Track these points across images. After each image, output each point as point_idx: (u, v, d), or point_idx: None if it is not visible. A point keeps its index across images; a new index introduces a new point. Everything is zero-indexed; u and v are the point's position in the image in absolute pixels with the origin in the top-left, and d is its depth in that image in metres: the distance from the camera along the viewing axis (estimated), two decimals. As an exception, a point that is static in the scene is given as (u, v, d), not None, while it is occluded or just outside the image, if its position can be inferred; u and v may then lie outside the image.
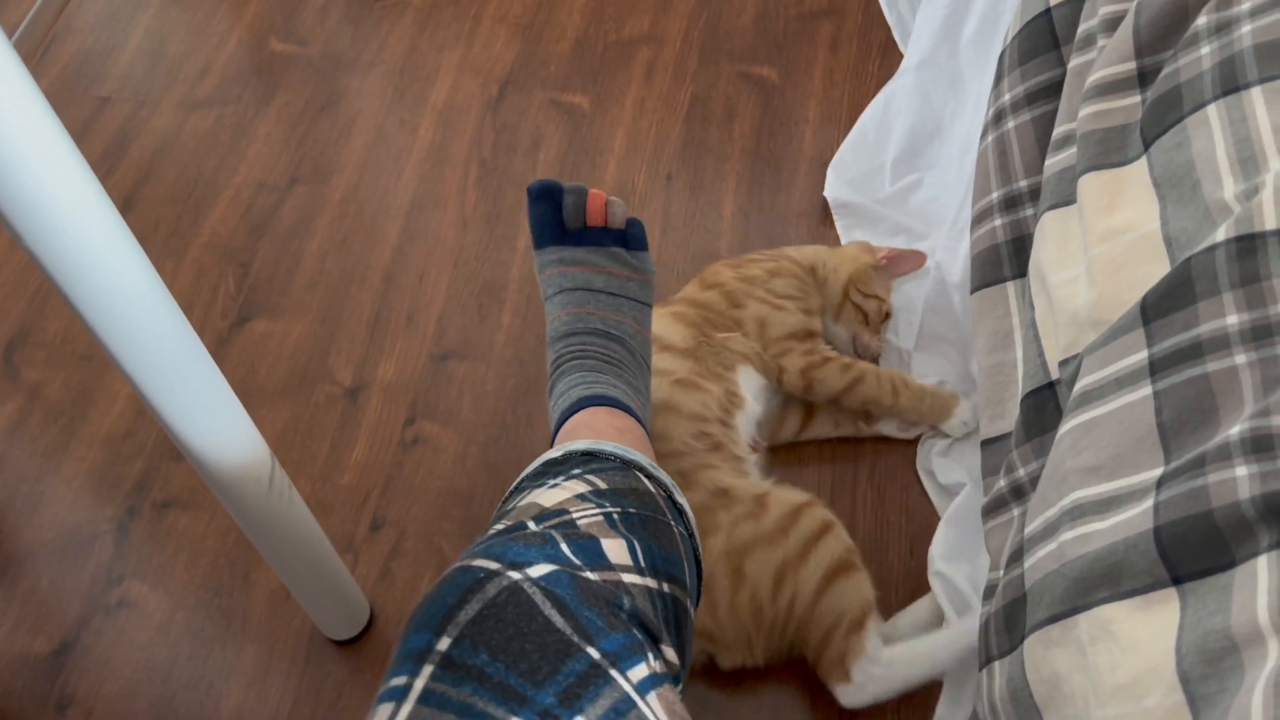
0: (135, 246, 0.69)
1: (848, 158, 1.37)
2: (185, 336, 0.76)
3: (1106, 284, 0.67)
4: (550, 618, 0.53)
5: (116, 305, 0.70)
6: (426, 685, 0.50)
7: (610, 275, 0.95)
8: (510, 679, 0.50)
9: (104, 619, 1.12)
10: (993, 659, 0.68)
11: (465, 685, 0.50)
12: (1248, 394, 0.57)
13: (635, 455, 0.78)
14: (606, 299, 0.94)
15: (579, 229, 0.95)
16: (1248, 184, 0.62)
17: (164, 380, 0.76)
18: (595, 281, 0.94)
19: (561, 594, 0.55)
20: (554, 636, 0.53)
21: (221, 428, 0.82)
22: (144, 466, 1.22)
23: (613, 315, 0.93)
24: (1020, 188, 0.83)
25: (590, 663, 0.52)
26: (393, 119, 1.51)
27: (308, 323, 1.33)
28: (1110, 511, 0.60)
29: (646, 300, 0.98)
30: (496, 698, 0.49)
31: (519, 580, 0.54)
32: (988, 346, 0.81)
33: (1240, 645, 0.51)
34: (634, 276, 0.96)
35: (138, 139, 1.51)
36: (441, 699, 0.49)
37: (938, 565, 1.01)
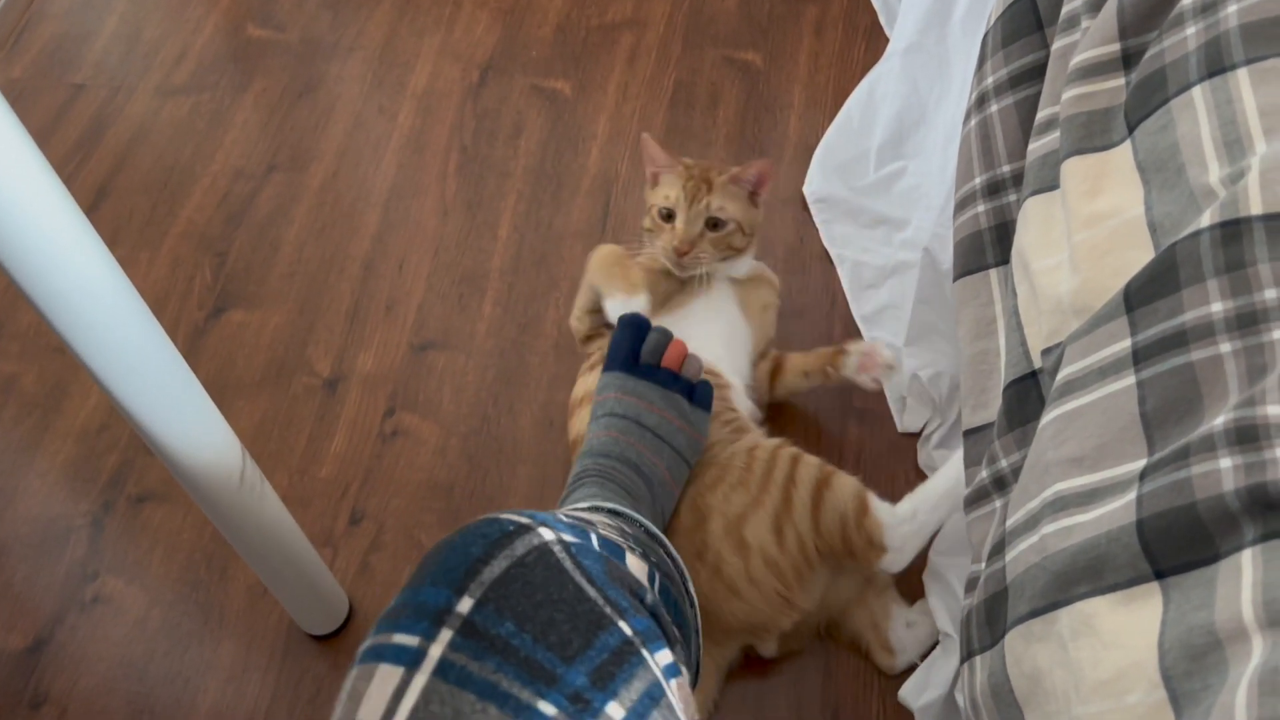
0: (95, 239, 0.68)
1: (833, 143, 1.35)
2: (151, 331, 0.74)
3: (1089, 271, 0.66)
4: (581, 585, 0.49)
5: (79, 302, 0.68)
6: (445, 654, 0.45)
7: (662, 418, 0.95)
8: (538, 653, 0.45)
9: (79, 615, 1.11)
10: (974, 653, 0.67)
11: (489, 659, 0.45)
12: (1232, 383, 0.56)
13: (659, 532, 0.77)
14: (651, 438, 0.94)
15: (651, 365, 0.98)
16: (1233, 168, 0.60)
17: (130, 376, 0.74)
18: (646, 418, 0.95)
19: (589, 565, 0.51)
20: (585, 606, 0.48)
21: (190, 423, 0.80)
22: (119, 460, 1.20)
23: (650, 454, 0.93)
24: (1003, 173, 0.81)
25: (624, 638, 0.48)
26: (372, 105, 1.49)
27: (285, 313, 1.31)
28: (1093, 504, 0.59)
29: (688, 458, 0.97)
30: (523, 676, 0.45)
31: (550, 542, 0.50)
32: (970, 335, 0.80)
33: (1224, 641, 0.50)
34: (685, 429, 0.96)
35: (113, 126, 1.49)
36: (461, 674, 0.44)
37: (934, 561, 1.00)
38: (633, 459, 0.92)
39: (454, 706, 0.44)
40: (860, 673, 1.04)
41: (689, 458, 0.97)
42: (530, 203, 1.39)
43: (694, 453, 0.98)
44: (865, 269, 1.27)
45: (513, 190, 1.40)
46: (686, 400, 0.98)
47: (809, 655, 1.05)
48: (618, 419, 0.95)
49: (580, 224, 1.37)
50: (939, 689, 0.94)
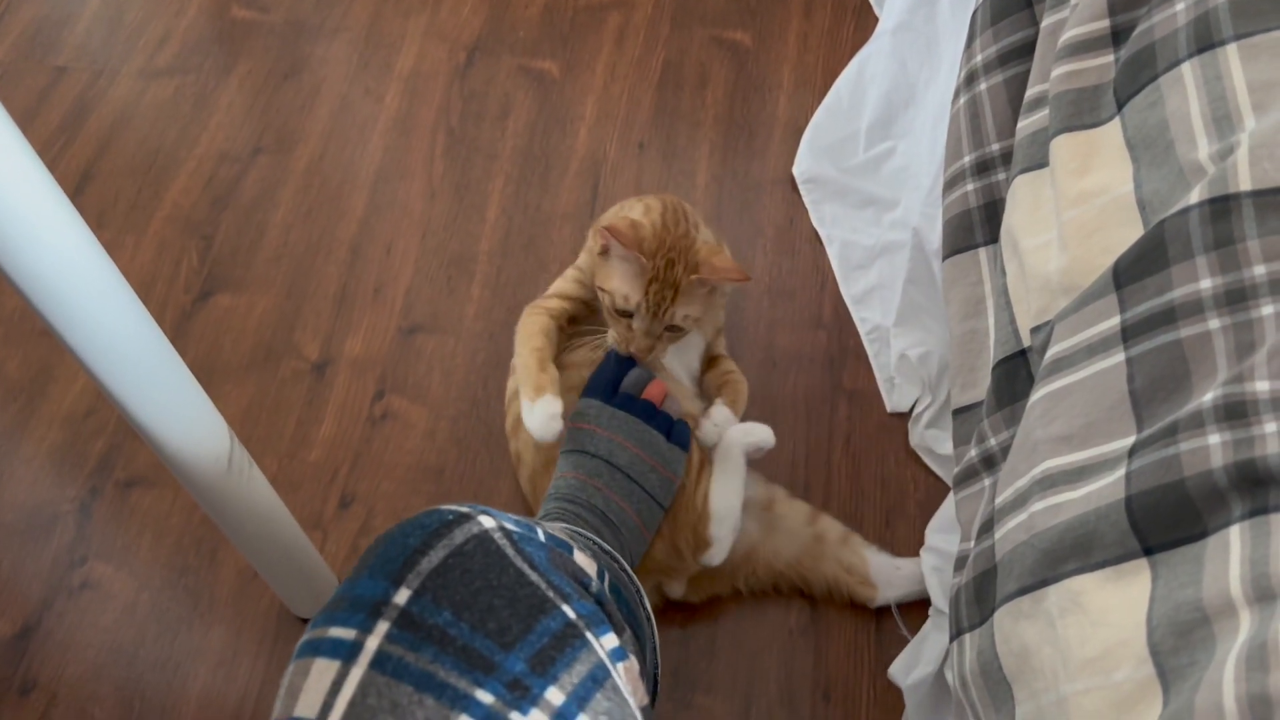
0: (79, 223, 0.67)
1: (822, 124, 1.35)
2: (136, 315, 0.73)
3: (1078, 249, 0.65)
4: (523, 570, 0.49)
5: (63, 286, 0.67)
6: (381, 646, 0.45)
7: (635, 457, 0.93)
8: (475, 641, 0.45)
9: (67, 601, 1.10)
10: (963, 631, 0.67)
11: (425, 649, 0.45)
12: (1221, 360, 0.56)
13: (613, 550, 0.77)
14: (621, 480, 0.92)
15: (630, 395, 0.96)
16: (1222, 144, 0.60)
17: (115, 360, 0.73)
18: (618, 457, 0.92)
19: (532, 553, 0.51)
20: (526, 590, 0.48)
21: (177, 407, 0.79)
22: (106, 445, 1.20)
23: (618, 499, 0.91)
24: (992, 151, 0.81)
25: (566, 621, 0.48)
26: (358, 87, 1.48)
27: (272, 296, 1.30)
28: (1081, 481, 0.59)
29: (660, 499, 0.94)
30: (461, 665, 0.45)
31: (490, 529, 0.50)
32: (960, 314, 0.80)
33: (1211, 617, 0.50)
34: (658, 469, 0.94)
35: (96, 110, 1.47)
36: (398, 666, 0.44)
37: (931, 539, 1.00)
38: (599, 505, 0.90)
39: (391, 699, 0.44)
40: (851, 652, 1.04)
41: (661, 499, 0.94)
42: (518, 185, 1.38)
43: (667, 494, 0.95)
44: (854, 249, 1.27)
45: (500, 172, 1.39)
46: (664, 438, 0.96)
47: (800, 635, 1.05)
48: (589, 458, 0.93)
49: (569, 206, 1.36)
50: (929, 666, 0.94)
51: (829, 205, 1.31)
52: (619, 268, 0.98)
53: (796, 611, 1.06)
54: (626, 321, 0.99)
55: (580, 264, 1.10)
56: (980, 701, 0.64)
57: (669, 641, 1.05)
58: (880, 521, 1.10)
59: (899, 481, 1.13)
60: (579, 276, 1.09)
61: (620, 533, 0.89)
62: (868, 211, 1.28)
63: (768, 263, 1.30)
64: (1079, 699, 0.54)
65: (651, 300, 0.96)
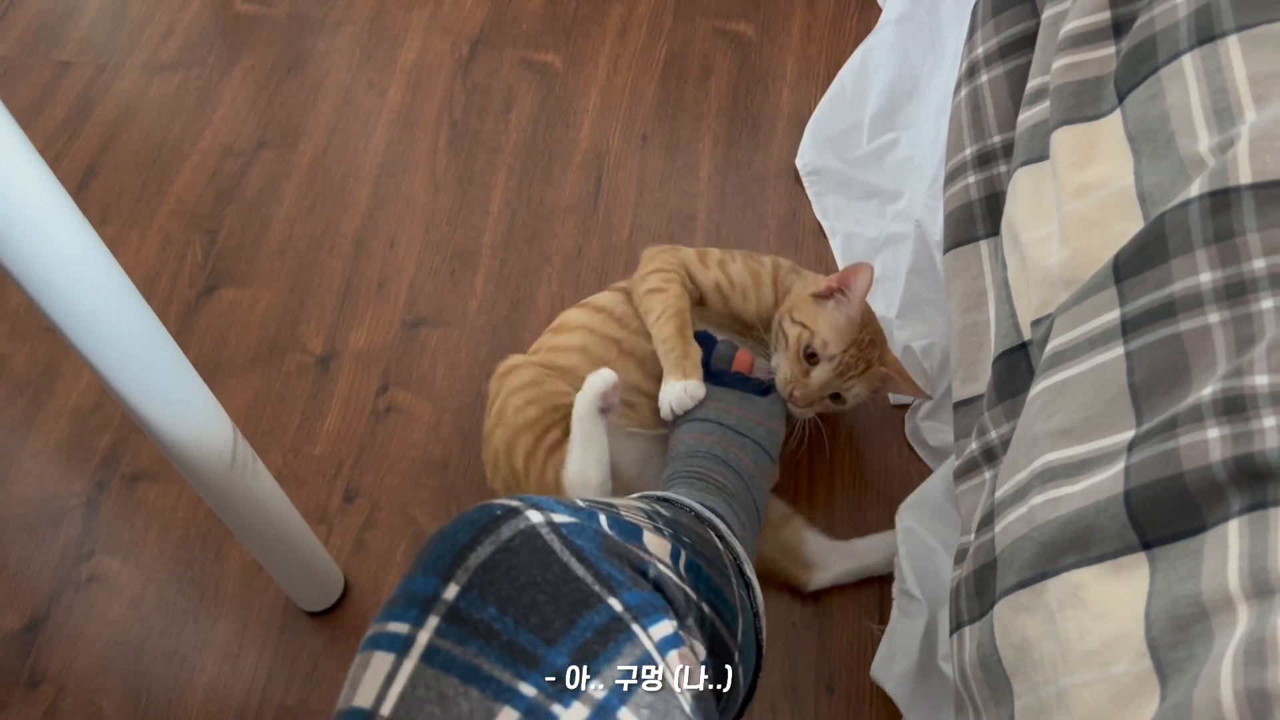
0: (80, 219, 0.67)
1: (826, 115, 1.34)
2: (138, 310, 0.73)
3: (1079, 242, 0.65)
4: (569, 564, 0.50)
5: (65, 283, 0.67)
6: (431, 641, 0.47)
7: (741, 416, 1.00)
8: (520, 636, 0.47)
9: (75, 594, 1.11)
10: (963, 624, 0.67)
11: (471, 643, 0.46)
12: (1220, 353, 0.55)
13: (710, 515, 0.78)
14: (734, 435, 0.99)
15: (722, 370, 1.04)
16: (1223, 136, 0.60)
17: (118, 356, 0.74)
18: (727, 418, 1.00)
19: (582, 545, 0.51)
20: (571, 586, 0.49)
21: (180, 402, 0.80)
22: (112, 439, 1.20)
23: (735, 450, 0.98)
24: (994, 143, 0.81)
25: (612, 615, 0.49)
26: (361, 81, 1.48)
27: (277, 291, 1.30)
28: (1081, 475, 0.59)
29: (769, 449, 1.01)
30: (505, 658, 0.46)
31: (537, 524, 0.51)
32: (961, 307, 0.79)
33: (1210, 612, 0.50)
34: (763, 423, 1.01)
35: (100, 104, 1.47)
36: (446, 659, 0.46)
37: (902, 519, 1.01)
38: (719, 454, 0.97)
39: (438, 690, 0.45)
40: (855, 645, 1.04)
41: (770, 449, 1.01)
42: (521, 178, 1.38)
43: (774, 443, 1.02)
44: (858, 241, 1.26)
45: (503, 165, 1.39)
46: (762, 397, 1.02)
47: (803, 628, 1.05)
48: (700, 423, 1.00)
49: (572, 199, 1.36)
50: (908, 658, 0.95)
51: (832, 197, 1.30)
52: (831, 315, 1.02)
53: (800, 604, 1.07)
54: (807, 366, 1.02)
55: (736, 280, 1.10)
56: (980, 695, 0.65)
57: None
58: (884, 513, 1.10)
59: (902, 473, 1.13)
60: (726, 288, 1.10)
61: (742, 476, 0.96)
62: (871, 203, 1.28)
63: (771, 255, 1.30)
64: (1078, 692, 0.54)
65: (844, 360, 1.01)
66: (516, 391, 1.04)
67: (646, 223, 1.33)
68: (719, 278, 1.10)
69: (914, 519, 1.00)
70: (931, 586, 0.99)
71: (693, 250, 1.12)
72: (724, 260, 1.11)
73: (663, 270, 1.08)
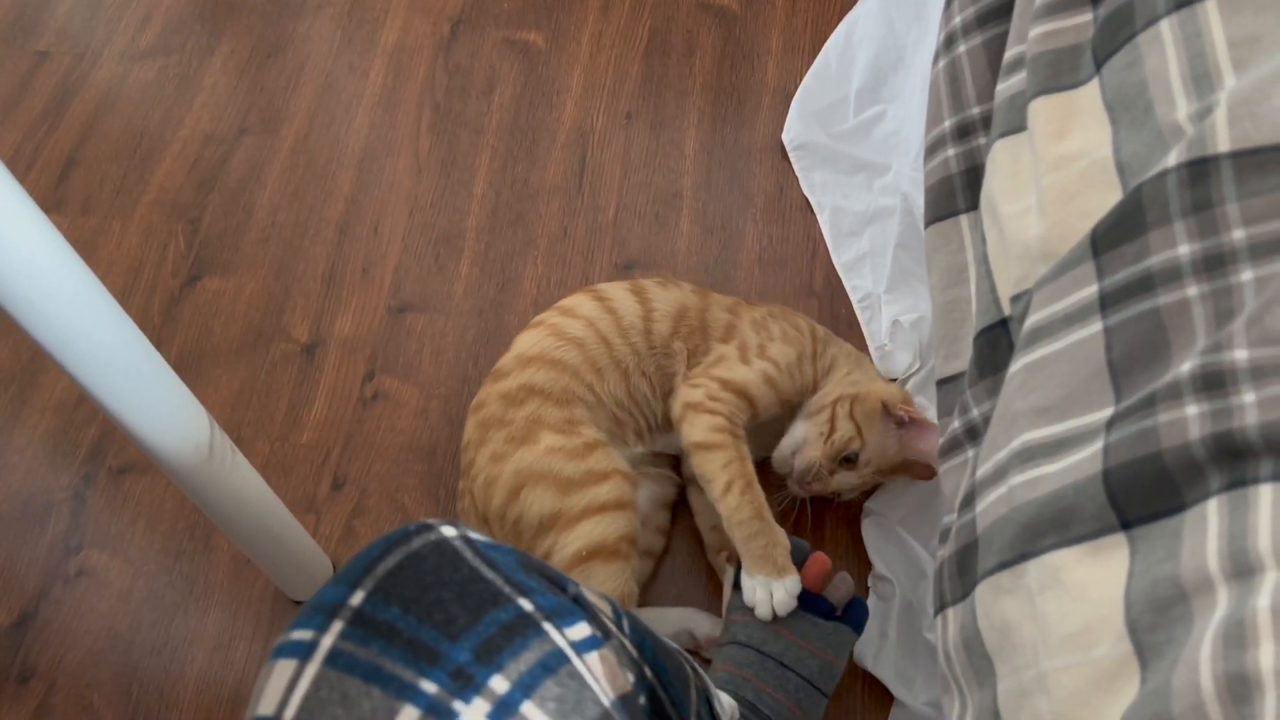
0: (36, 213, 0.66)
1: (811, 89, 1.33)
2: (104, 306, 0.72)
3: (1057, 215, 0.64)
4: (478, 568, 0.49)
5: (24, 283, 0.66)
6: (334, 644, 0.46)
7: (790, 642, 0.87)
8: (422, 633, 0.46)
9: (63, 589, 1.10)
10: (946, 606, 0.66)
11: (374, 643, 0.46)
12: (1199, 328, 0.54)
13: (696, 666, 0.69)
14: (774, 668, 0.87)
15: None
16: (1201, 103, 0.58)
17: (86, 354, 0.73)
18: (770, 645, 0.87)
19: (497, 557, 0.51)
20: (479, 586, 0.48)
21: (151, 396, 0.79)
22: (98, 432, 1.20)
23: (771, 690, 0.86)
24: (973, 115, 0.79)
25: (520, 613, 0.48)
26: (342, 64, 1.46)
27: (261, 279, 1.29)
28: (1060, 454, 0.58)
29: (820, 685, 0.88)
30: (406, 656, 0.45)
31: (450, 537, 0.50)
32: (942, 283, 0.78)
33: (1189, 593, 0.49)
34: (818, 654, 0.88)
35: (79, 94, 1.46)
36: (349, 660, 0.45)
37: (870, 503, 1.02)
38: (749, 698, 0.85)
39: (341, 691, 0.45)
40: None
41: (823, 685, 0.88)
42: (505, 159, 1.36)
43: (829, 679, 0.89)
44: (845, 216, 1.25)
45: (487, 147, 1.38)
46: (824, 620, 0.89)
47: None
48: (739, 648, 0.88)
49: (557, 179, 1.34)
50: (887, 636, 0.96)
51: (819, 172, 1.29)
52: (884, 437, 0.97)
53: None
54: (836, 466, 0.97)
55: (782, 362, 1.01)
56: (964, 676, 0.64)
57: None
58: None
59: (893, 451, 1.12)
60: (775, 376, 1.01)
61: None
62: (858, 177, 1.26)
63: (758, 232, 1.29)
64: (1058, 675, 0.54)
65: (870, 478, 0.99)
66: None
67: (632, 202, 1.32)
68: (765, 369, 1.00)
69: (879, 507, 1.01)
70: (900, 562, 0.99)
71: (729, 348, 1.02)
72: (762, 343, 1.02)
73: (709, 411, 0.96)
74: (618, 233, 1.29)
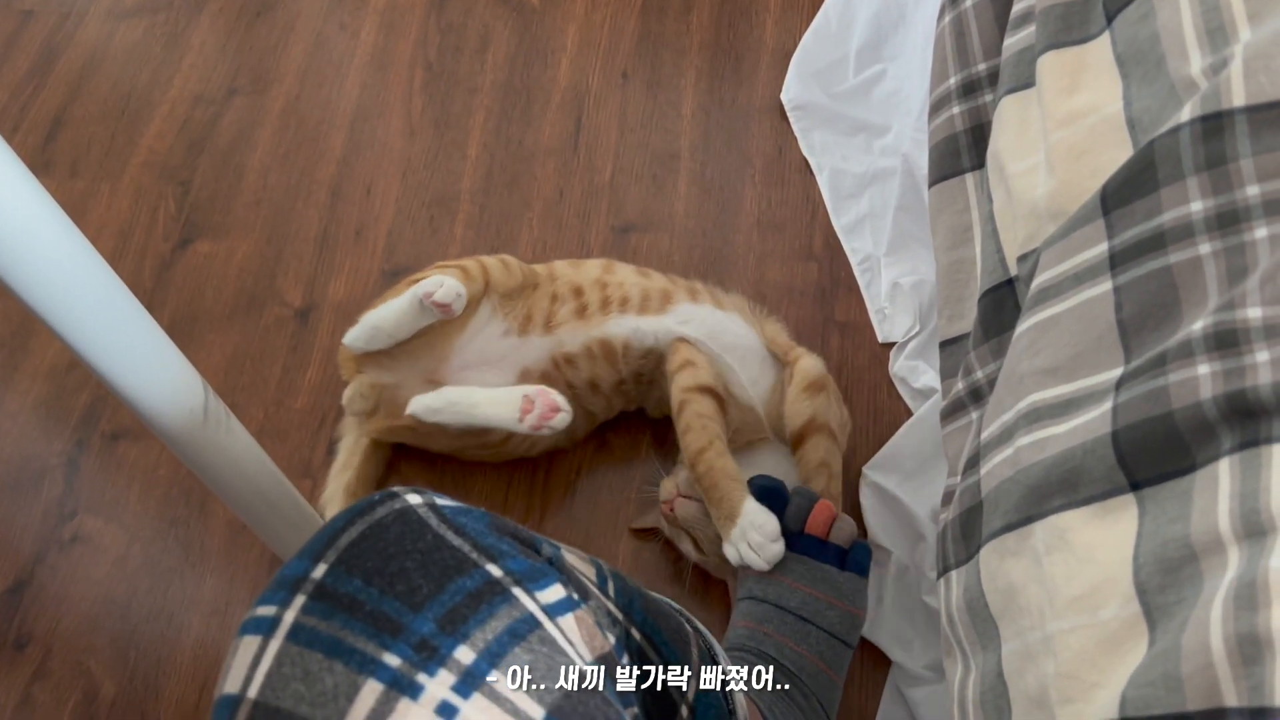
0: (23, 171, 0.64)
1: (810, 48, 1.31)
2: (94, 267, 0.71)
3: (1066, 172, 0.63)
4: (444, 535, 0.48)
5: (12, 240, 0.65)
6: (297, 619, 0.45)
7: (807, 595, 0.86)
8: (385, 604, 0.45)
9: (59, 555, 1.10)
10: (950, 568, 0.66)
11: (336, 617, 0.45)
12: (1212, 286, 0.53)
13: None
14: (793, 621, 0.85)
15: (796, 532, 0.89)
16: (1215, 57, 0.57)
17: (77, 316, 0.71)
18: (788, 599, 0.86)
19: (464, 522, 0.49)
20: (443, 553, 0.47)
21: (144, 359, 0.77)
22: (90, 398, 1.18)
23: (792, 643, 0.84)
24: (979, 71, 0.78)
25: (487, 579, 0.47)
26: (332, 23, 1.44)
27: (253, 242, 1.28)
28: (1068, 415, 0.57)
29: (843, 636, 0.86)
30: (369, 629, 0.44)
31: (415, 504, 0.49)
32: (946, 243, 0.77)
33: (1199, 554, 0.48)
34: (835, 604, 0.87)
35: (65, 54, 1.43)
36: (311, 635, 0.45)
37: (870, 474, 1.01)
38: (770, 653, 0.84)
39: (303, 666, 0.44)
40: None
41: (844, 635, 0.87)
42: (499, 120, 1.34)
43: (850, 629, 0.87)
44: (845, 177, 1.24)
45: (481, 107, 1.36)
46: (837, 568, 0.88)
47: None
48: (756, 604, 0.87)
49: (552, 141, 1.33)
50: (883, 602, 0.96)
51: (818, 132, 1.27)
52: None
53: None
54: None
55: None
56: (967, 639, 0.63)
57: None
58: (872, 453, 1.09)
59: (892, 413, 1.11)
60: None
61: (799, 677, 0.84)
62: (858, 138, 1.25)
63: (757, 194, 1.27)
64: (1065, 637, 0.53)
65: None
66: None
67: (629, 164, 1.30)
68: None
69: (877, 475, 1.00)
70: (897, 526, 0.99)
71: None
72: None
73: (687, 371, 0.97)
74: (614, 195, 1.28)
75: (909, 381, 1.09)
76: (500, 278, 1.04)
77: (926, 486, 1.01)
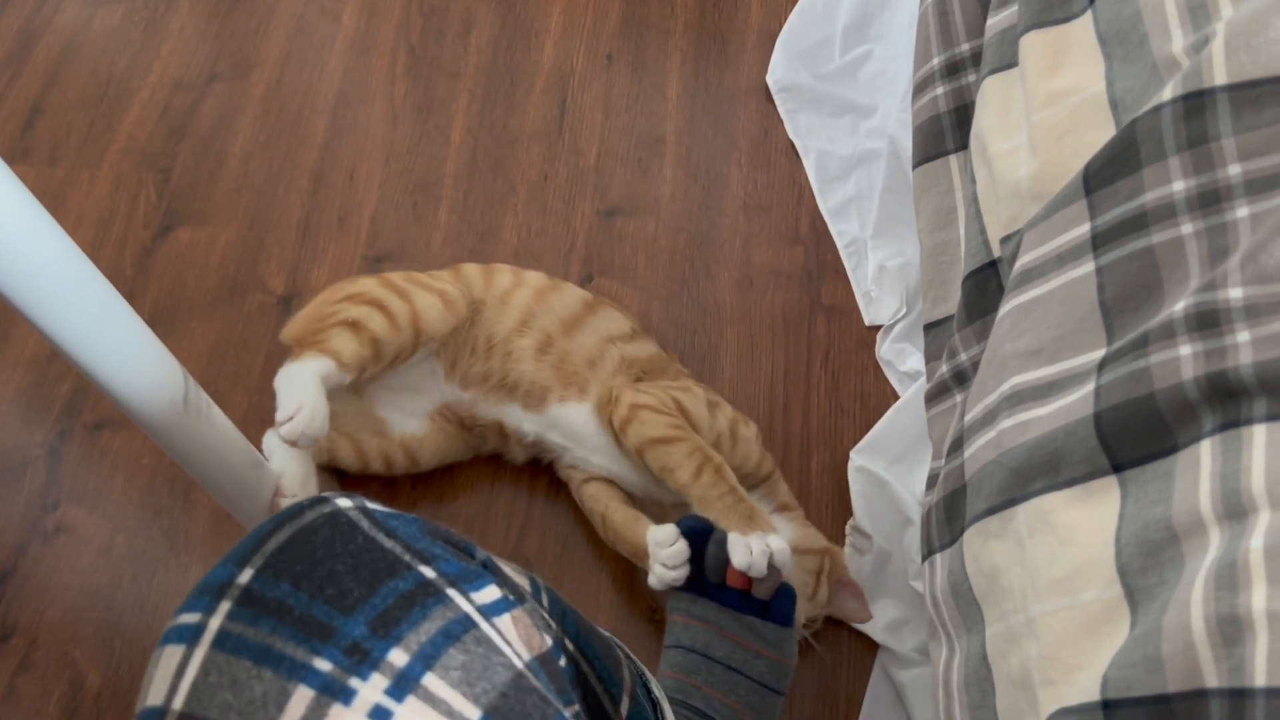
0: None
1: (796, 28, 1.30)
2: (71, 256, 0.70)
3: (1049, 153, 0.62)
4: (375, 538, 0.46)
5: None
6: (222, 626, 0.43)
7: (735, 645, 0.85)
8: (314, 609, 0.43)
9: (42, 546, 1.09)
10: (934, 551, 0.65)
11: (264, 623, 0.43)
12: (1194, 266, 0.53)
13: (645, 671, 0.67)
14: (721, 673, 0.85)
15: (717, 584, 0.88)
16: (1197, 35, 0.57)
17: (53, 305, 0.70)
18: (715, 649, 0.85)
19: (396, 526, 0.48)
20: (375, 556, 0.45)
21: (121, 347, 0.76)
22: (72, 387, 1.17)
23: (720, 695, 0.84)
24: (962, 52, 0.77)
25: (420, 581, 0.45)
26: (314, 6, 1.42)
27: (235, 229, 1.26)
28: (1050, 397, 0.57)
29: (772, 684, 0.86)
30: (298, 634, 0.43)
31: (345, 508, 0.47)
32: (930, 225, 0.77)
33: (1181, 536, 0.48)
34: (764, 654, 0.86)
35: (42, 39, 1.41)
36: (238, 642, 0.43)
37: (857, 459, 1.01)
38: (699, 705, 0.84)
39: (230, 675, 0.43)
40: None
41: (774, 684, 0.86)
42: (483, 104, 1.33)
43: (780, 677, 0.87)
44: (831, 160, 1.23)
45: (464, 91, 1.34)
46: (759, 620, 0.87)
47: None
48: (684, 653, 0.87)
49: (536, 124, 1.32)
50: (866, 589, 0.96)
51: (805, 114, 1.26)
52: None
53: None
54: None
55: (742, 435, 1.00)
56: (952, 622, 0.63)
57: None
58: (859, 437, 1.09)
59: (879, 396, 1.11)
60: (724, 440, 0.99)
61: None
62: (845, 119, 1.24)
63: (743, 177, 1.26)
64: (1047, 620, 0.53)
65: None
66: None
67: (614, 147, 1.29)
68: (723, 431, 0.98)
69: (865, 459, 0.99)
70: (884, 510, 0.99)
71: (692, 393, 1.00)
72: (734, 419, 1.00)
73: (658, 410, 0.95)
74: (599, 179, 1.27)
75: (896, 364, 1.08)
76: (435, 326, 1.01)
77: (915, 470, 1.00)
